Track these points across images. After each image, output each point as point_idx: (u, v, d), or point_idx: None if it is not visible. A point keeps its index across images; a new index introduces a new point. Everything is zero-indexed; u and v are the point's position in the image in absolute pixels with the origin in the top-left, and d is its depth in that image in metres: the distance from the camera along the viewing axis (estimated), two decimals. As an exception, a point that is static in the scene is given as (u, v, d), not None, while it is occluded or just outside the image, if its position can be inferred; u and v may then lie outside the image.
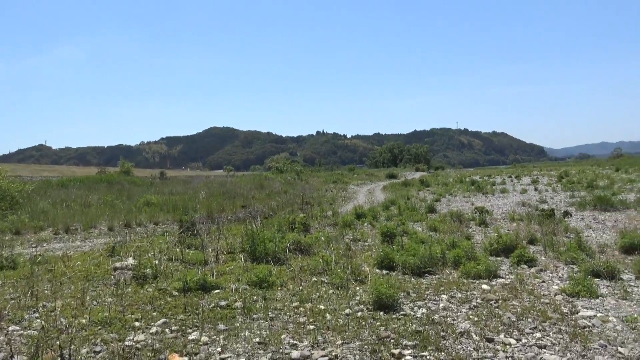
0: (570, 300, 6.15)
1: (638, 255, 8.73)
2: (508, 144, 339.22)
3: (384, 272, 7.70)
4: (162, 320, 5.34)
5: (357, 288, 6.68)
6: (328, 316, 5.51)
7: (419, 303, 6.01)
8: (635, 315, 5.45)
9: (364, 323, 5.29)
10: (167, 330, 5.09)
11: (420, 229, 12.79)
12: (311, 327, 5.19)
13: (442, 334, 4.95)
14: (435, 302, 6.04)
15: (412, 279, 7.28)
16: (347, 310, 5.67)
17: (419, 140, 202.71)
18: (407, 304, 5.96)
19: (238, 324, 5.28)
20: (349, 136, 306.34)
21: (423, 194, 25.50)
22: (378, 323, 5.28)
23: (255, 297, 6.21)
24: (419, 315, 5.52)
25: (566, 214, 13.73)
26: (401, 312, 5.60)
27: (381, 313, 5.60)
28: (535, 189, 23.19)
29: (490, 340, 4.77)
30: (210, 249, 8.88)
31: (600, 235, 10.93)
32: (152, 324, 5.25)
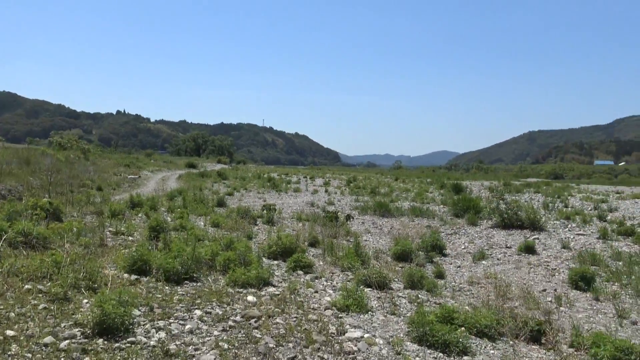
0: (340, 315, 5.49)
1: (408, 263, 8.85)
2: (308, 147, 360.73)
3: (134, 277, 6.13)
4: None
5: (85, 300, 5.00)
6: (14, 348, 3.76)
7: (161, 323, 4.61)
8: (402, 336, 4.98)
9: (64, 360, 3.69)
10: None
11: (202, 223, 11.49)
12: (-26, 369, 3.40)
13: (174, 372, 3.67)
14: (183, 322, 4.72)
15: (167, 288, 5.87)
16: (49, 339, 3.97)
17: (225, 132, 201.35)
18: (144, 325, 4.53)
19: None
20: (152, 120, 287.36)
21: (218, 186, 24.25)
22: (87, 359, 3.74)
23: None
24: (152, 343, 4.13)
25: (349, 217, 13.92)
26: (129, 339, 4.14)
27: (100, 341, 4.05)
28: (326, 191, 23.87)
29: (235, 380, 3.66)
30: None
31: (377, 241, 11.09)
32: None
